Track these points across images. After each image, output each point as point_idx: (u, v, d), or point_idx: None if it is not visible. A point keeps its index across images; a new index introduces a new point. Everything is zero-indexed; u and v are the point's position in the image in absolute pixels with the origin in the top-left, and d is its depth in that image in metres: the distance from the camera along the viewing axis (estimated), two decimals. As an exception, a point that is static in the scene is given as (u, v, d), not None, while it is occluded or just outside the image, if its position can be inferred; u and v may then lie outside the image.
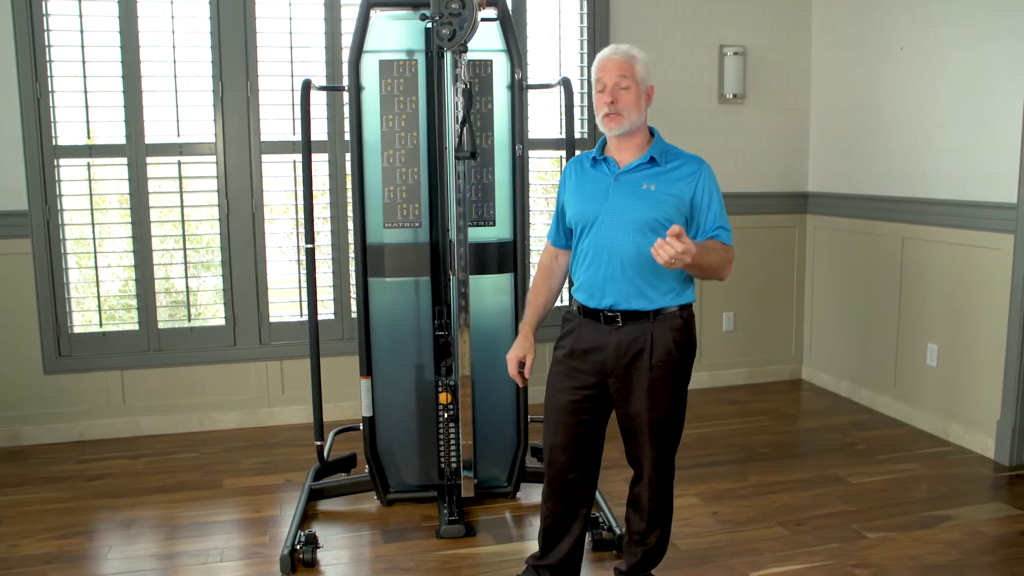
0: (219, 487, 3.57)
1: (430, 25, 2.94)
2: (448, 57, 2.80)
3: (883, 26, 4.31)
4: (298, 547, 2.88)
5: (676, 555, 2.89)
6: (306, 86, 3.18)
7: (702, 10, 4.66)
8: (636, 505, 2.53)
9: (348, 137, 3.26)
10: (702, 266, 2.25)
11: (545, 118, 4.50)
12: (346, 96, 3.18)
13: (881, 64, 4.34)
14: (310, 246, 3.28)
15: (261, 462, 3.85)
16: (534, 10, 4.43)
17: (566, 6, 4.49)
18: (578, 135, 4.33)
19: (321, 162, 4.22)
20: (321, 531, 3.09)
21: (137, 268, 4.11)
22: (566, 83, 3.37)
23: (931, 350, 4.08)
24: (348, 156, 3.48)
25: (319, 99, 4.19)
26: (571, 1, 4.51)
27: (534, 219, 4.48)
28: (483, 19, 2.91)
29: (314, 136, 3.30)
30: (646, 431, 2.40)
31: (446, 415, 3.22)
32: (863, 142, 4.51)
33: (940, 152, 3.99)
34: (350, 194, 3.30)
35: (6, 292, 3.99)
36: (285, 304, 4.36)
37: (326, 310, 4.32)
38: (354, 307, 4.24)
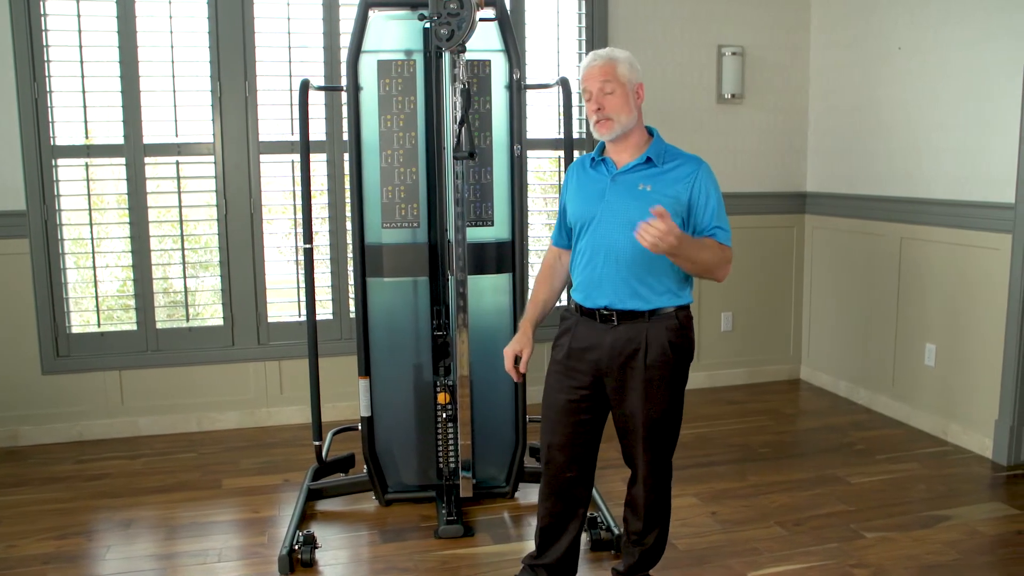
0: (218, 487, 3.56)
1: (428, 25, 2.95)
2: (446, 57, 2.80)
3: (882, 26, 4.31)
4: (296, 547, 2.88)
5: (674, 555, 2.89)
6: (304, 86, 3.18)
7: (700, 10, 4.66)
8: (633, 505, 2.53)
9: (346, 137, 3.26)
10: (693, 259, 2.23)
11: (543, 118, 4.51)
12: (344, 96, 3.18)
13: (880, 64, 4.34)
14: (308, 246, 3.28)
15: (260, 462, 3.85)
16: (532, 10, 4.43)
17: (564, 6, 4.49)
18: (576, 135, 4.32)
19: (319, 162, 4.21)
20: (319, 531, 3.09)
21: (135, 268, 4.11)
22: (564, 83, 3.37)
23: (929, 350, 4.09)
24: (346, 156, 3.48)
25: (317, 99, 4.19)
26: (569, 1, 4.51)
27: (532, 219, 4.47)
28: (481, 19, 2.90)
29: (312, 136, 3.30)
30: (641, 431, 2.40)
31: (444, 415, 3.22)
32: (862, 142, 4.51)
33: (939, 152, 3.99)
34: (348, 194, 3.30)
35: (4, 292, 3.99)
36: (283, 304, 4.36)
37: (324, 310, 4.33)
38: (352, 307, 4.24)
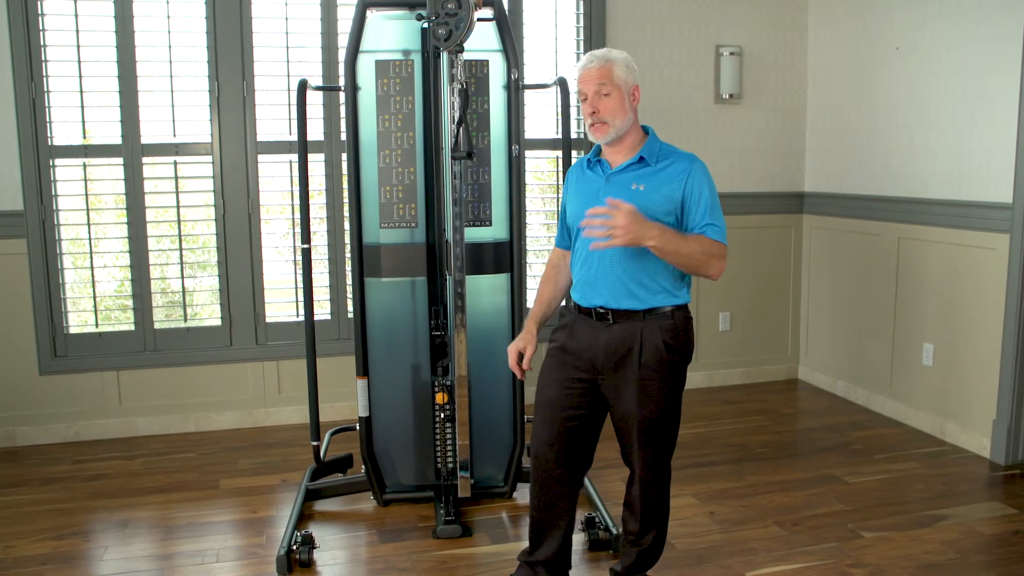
0: (215, 487, 3.56)
1: (426, 25, 2.95)
2: (444, 57, 2.80)
3: (879, 26, 4.31)
4: (294, 547, 2.88)
5: (673, 554, 2.89)
6: (302, 86, 3.18)
7: (698, 10, 4.67)
8: (631, 506, 2.54)
9: (344, 137, 3.26)
10: (678, 251, 2.22)
11: (541, 118, 4.51)
12: (342, 96, 3.18)
13: (877, 64, 4.34)
14: (306, 246, 3.28)
15: (257, 462, 3.84)
16: (530, 10, 4.43)
17: (562, 6, 4.49)
18: (574, 135, 4.32)
19: (317, 162, 4.21)
20: (317, 531, 3.09)
21: (133, 268, 4.11)
22: (562, 83, 3.37)
23: (927, 350, 4.09)
24: (344, 156, 3.48)
25: (315, 99, 4.19)
26: (567, 1, 4.51)
27: (530, 219, 4.47)
28: (479, 19, 2.91)
29: (310, 136, 3.30)
30: (636, 432, 2.40)
31: (442, 415, 3.21)
32: (859, 142, 4.52)
33: (936, 152, 3.99)
34: (346, 194, 3.30)
35: (2, 292, 3.99)
36: (281, 304, 4.35)
37: (322, 310, 4.32)
38: (350, 307, 4.23)
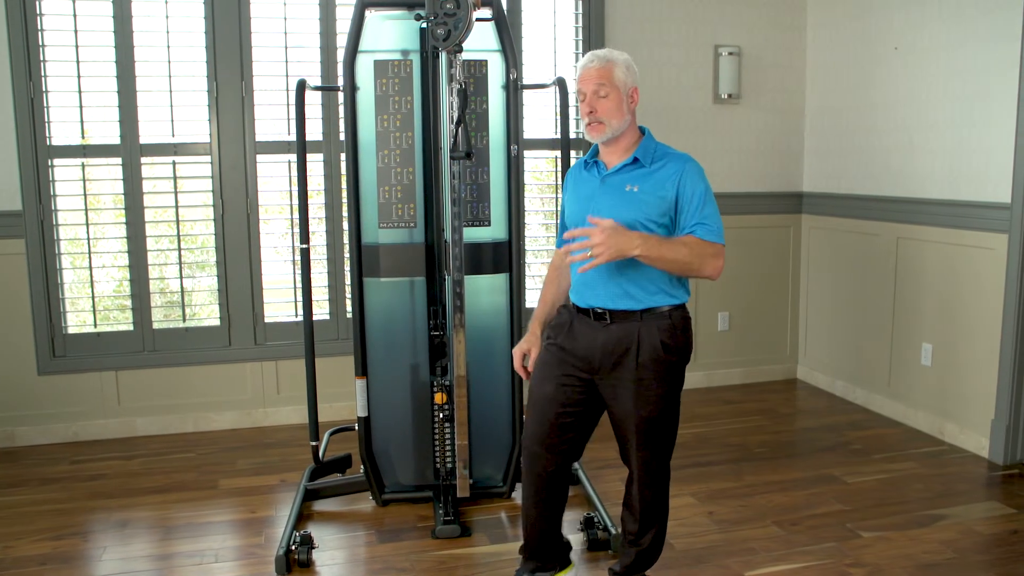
0: (214, 488, 3.56)
1: (425, 25, 2.95)
2: (443, 57, 2.80)
3: (878, 27, 4.32)
4: (293, 547, 2.88)
5: (671, 554, 2.89)
6: (301, 86, 3.18)
7: (697, 10, 4.67)
8: (630, 505, 2.54)
9: (343, 137, 3.25)
10: (666, 258, 2.24)
11: (540, 118, 4.51)
12: (341, 96, 3.18)
13: (876, 64, 4.35)
14: (305, 246, 3.27)
15: (256, 463, 3.84)
16: (529, 10, 4.43)
17: (561, 6, 4.49)
18: (573, 135, 4.33)
19: (316, 162, 4.21)
20: (316, 531, 3.09)
21: (132, 268, 4.10)
22: (561, 83, 3.37)
23: (926, 349, 4.09)
24: (343, 156, 3.48)
25: (314, 99, 4.19)
26: (566, 1, 4.51)
27: (529, 219, 4.48)
28: (478, 19, 2.91)
29: (309, 136, 3.30)
30: (634, 432, 2.41)
31: (441, 415, 3.22)
32: (858, 142, 4.52)
33: (935, 152, 4.00)
34: (345, 194, 3.30)
35: (0, 293, 3.98)
36: (280, 304, 4.35)
37: (321, 310, 4.32)
38: (349, 307, 4.23)
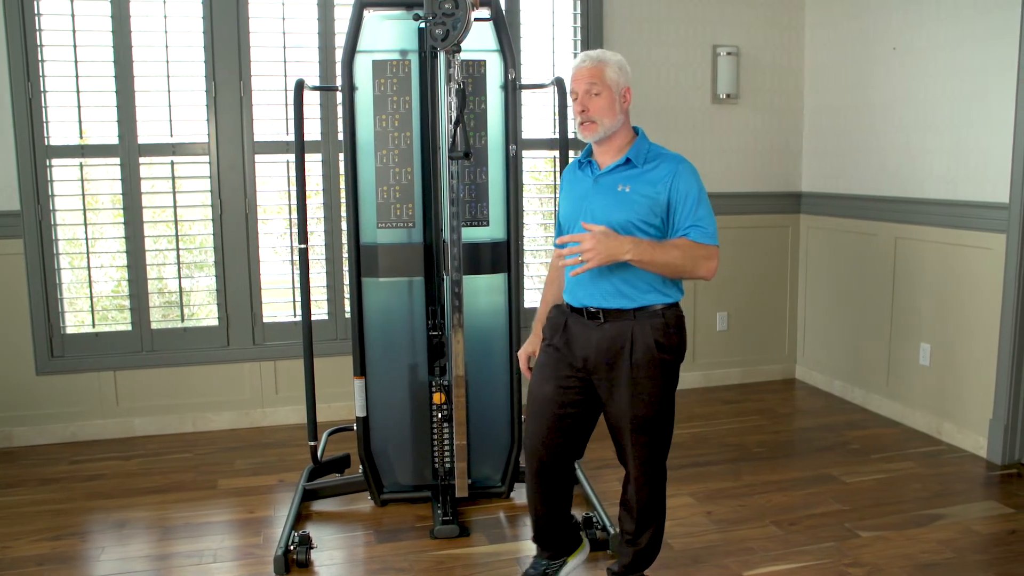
0: (213, 488, 3.56)
1: (423, 25, 2.95)
2: (441, 57, 2.80)
3: (876, 27, 4.32)
4: (292, 548, 2.88)
5: (670, 554, 2.89)
6: (299, 86, 3.18)
7: (695, 10, 4.67)
8: (627, 505, 2.55)
9: (341, 137, 3.25)
10: (659, 262, 2.26)
11: (538, 118, 4.51)
12: (339, 96, 3.18)
13: (874, 64, 4.35)
14: (304, 246, 3.27)
15: (255, 463, 3.84)
16: (527, 10, 4.43)
17: (559, 6, 4.49)
18: (571, 135, 4.29)
19: (314, 162, 4.21)
20: (315, 532, 3.09)
21: (130, 268, 4.10)
22: (559, 83, 3.37)
23: (924, 349, 4.10)
24: (342, 156, 3.48)
25: (312, 99, 4.18)
26: (564, 1, 4.51)
27: (528, 219, 4.48)
28: (476, 19, 2.91)
29: (307, 136, 3.31)
30: (629, 431, 2.41)
31: (440, 415, 3.22)
32: (856, 142, 4.52)
33: (933, 152, 4.00)
34: (344, 194, 3.29)
35: (-2, 293, 3.99)
36: (279, 304, 4.35)
37: (320, 310, 4.32)
38: (348, 307, 4.24)
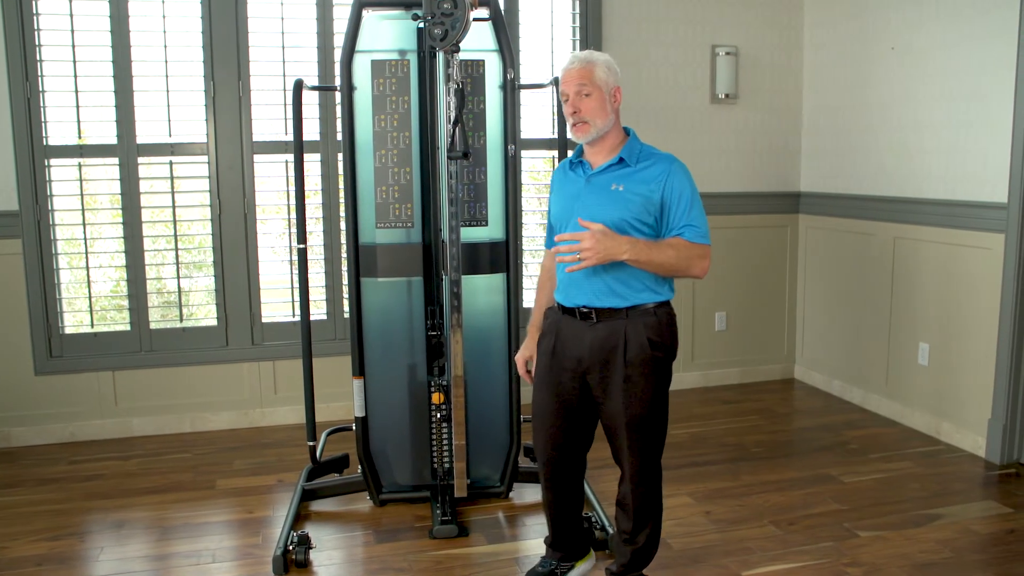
0: (211, 488, 3.56)
1: (422, 25, 2.95)
2: (440, 57, 2.80)
3: (874, 26, 4.32)
4: (291, 548, 2.88)
5: (669, 554, 2.90)
6: (298, 86, 3.18)
7: (694, 10, 4.67)
8: (623, 504, 2.56)
9: (340, 137, 3.26)
10: (654, 261, 2.29)
11: (537, 118, 4.51)
12: (338, 96, 3.18)
13: (872, 64, 4.35)
14: (302, 246, 3.27)
15: (253, 463, 3.84)
16: (526, 10, 4.43)
17: (558, 6, 4.49)
18: (570, 135, 4.32)
19: (313, 162, 4.21)
20: (314, 532, 3.09)
21: (129, 268, 4.10)
22: (558, 83, 3.36)
23: (923, 349, 4.10)
24: (340, 156, 3.48)
25: (311, 99, 4.18)
26: (563, 1, 4.51)
27: (526, 219, 4.48)
28: (475, 19, 2.90)
29: (306, 136, 3.30)
30: (624, 429, 2.43)
31: (439, 415, 3.22)
32: (855, 142, 4.52)
33: (931, 152, 4.00)
34: (342, 194, 3.29)
35: (-3, 293, 3.99)
36: (277, 304, 4.35)
37: (318, 310, 4.32)
38: (346, 307, 4.24)
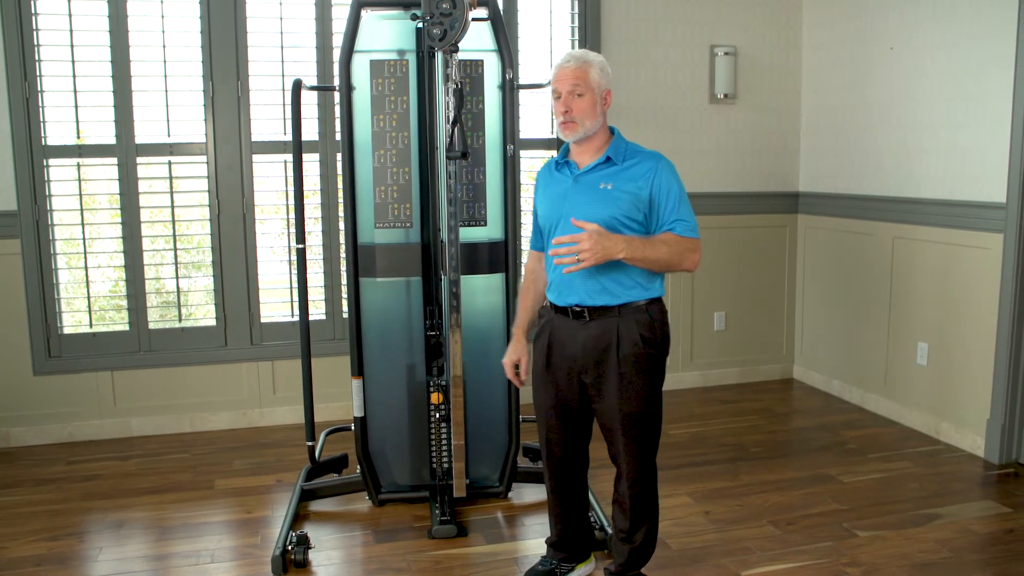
0: (210, 488, 3.56)
1: (421, 25, 2.95)
2: (439, 57, 2.80)
3: (873, 26, 4.32)
4: (290, 548, 2.88)
5: (668, 554, 2.90)
6: (297, 86, 3.18)
7: (693, 10, 4.67)
8: (620, 503, 2.57)
9: (339, 137, 3.26)
10: (648, 258, 2.31)
11: (536, 118, 4.52)
12: (337, 96, 3.18)
13: (871, 64, 4.35)
14: (301, 246, 3.27)
15: (252, 463, 3.84)
16: (525, 10, 4.43)
17: (557, 6, 4.49)
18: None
19: (312, 162, 4.21)
20: (313, 532, 3.09)
21: (127, 268, 4.10)
22: (556, 82, 3.37)
23: (922, 349, 4.10)
24: (339, 156, 3.47)
25: (310, 99, 4.18)
26: (562, 1, 4.51)
27: (525, 219, 4.47)
28: (474, 19, 2.91)
29: (305, 136, 3.30)
30: (619, 427, 2.44)
31: (438, 415, 3.22)
32: (854, 142, 4.53)
33: (930, 152, 4.00)
34: (341, 194, 3.30)
35: (-5, 293, 3.98)
36: (276, 304, 4.35)
37: (317, 310, 4.31)
38: (345, 307, 4.23)
